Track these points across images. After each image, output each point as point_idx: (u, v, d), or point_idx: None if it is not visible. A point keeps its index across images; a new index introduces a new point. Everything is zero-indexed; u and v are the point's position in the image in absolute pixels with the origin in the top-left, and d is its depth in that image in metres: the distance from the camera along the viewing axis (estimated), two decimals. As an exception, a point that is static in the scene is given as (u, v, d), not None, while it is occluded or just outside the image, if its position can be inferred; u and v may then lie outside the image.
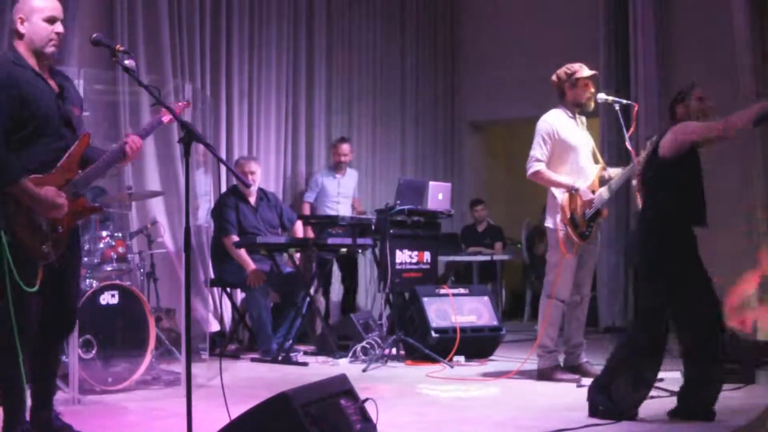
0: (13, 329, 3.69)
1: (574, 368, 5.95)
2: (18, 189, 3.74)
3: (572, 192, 5.79)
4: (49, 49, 3.95)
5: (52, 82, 3.99)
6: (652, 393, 4.73)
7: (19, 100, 3.80)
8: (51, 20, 3.94)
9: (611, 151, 8.80)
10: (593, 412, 4.57)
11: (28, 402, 4.11)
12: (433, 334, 6.76)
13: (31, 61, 3.93)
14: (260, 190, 7.56)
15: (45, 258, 3.81)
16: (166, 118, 4.07)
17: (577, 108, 5.98)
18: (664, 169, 4.57)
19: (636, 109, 6.02)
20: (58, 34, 3.95)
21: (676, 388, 4.67)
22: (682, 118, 4.62)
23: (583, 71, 5.92)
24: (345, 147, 8.54)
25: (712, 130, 4.50)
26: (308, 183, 8.72)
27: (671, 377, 5.13)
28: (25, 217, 3.78)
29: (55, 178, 3.87)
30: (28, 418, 4.06)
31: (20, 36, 3.94)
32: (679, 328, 4.62)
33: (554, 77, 6.00)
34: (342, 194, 8.52)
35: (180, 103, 4.18)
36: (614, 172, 5.97)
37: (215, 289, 7.60)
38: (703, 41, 8.77)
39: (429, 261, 7.61)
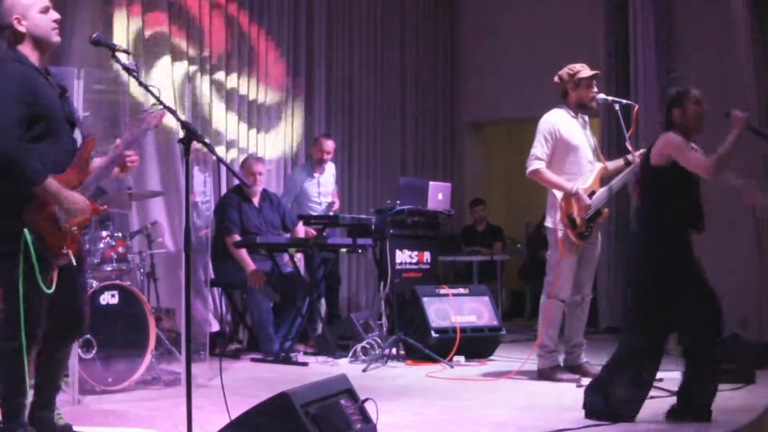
0: (22, 330, 3.65)
1: (574, 368, 5.96)
2: (46, 190, 3.67)
3: (570, 196, 5.78)
4: (55, 38, 3.89)
5: (52, 81, 3.92)
6: (652, 393, 4.72)
7: (31, 97, 3.73)
8: (46, 10, 3.89)
9: (611, 151, 8.80)
10: (590, 414, 4.56)
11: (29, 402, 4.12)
12: (433, 334, 6.75)
13: (34, 59, 3.84)
14: (264, 191, 7.54)
15: (63, 259, 3.75)
16: (152, 123, 3.94)
17: (580, 108, 5.99)
18: (654, 175, 4.58)
19: (636, 109, 6.02)
20: (56, 21, 3.90)
21: (676, 388, 4.67)
22: (679, 122, 4.59)
23: (586, 71, 5.93)
24: (330, 144, 8.02)
25: (698, 167, 4.46)
26: (285, 186, 8.33)
27: (671, 377, 5.12)
28: (49, 218, 3.72)
29: (70, 179, 3.80)
30: (27, 417, 4.06)
31: (20, 36, 3.83)
32: (678, 328, 4.62)
33: (557, 78, 6.00)
34: (323, 194, 8.11)
35: (155, 115, 3.97)
36: (614, 166, 5.98)
37: (215, 289, 7.59)
38: (703, 39, 8.77)
39: (429, 261, 7.61)
